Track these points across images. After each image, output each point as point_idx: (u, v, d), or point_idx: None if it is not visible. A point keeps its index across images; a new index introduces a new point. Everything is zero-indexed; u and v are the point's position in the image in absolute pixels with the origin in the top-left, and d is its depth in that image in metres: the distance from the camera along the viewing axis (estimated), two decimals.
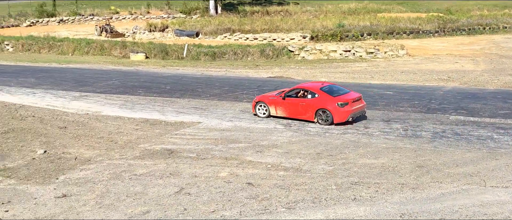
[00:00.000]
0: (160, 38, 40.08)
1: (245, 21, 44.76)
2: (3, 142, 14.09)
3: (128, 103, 19.15)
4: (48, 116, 17.19)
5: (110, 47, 33.68)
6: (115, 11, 57.18)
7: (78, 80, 24.06)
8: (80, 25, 51.40)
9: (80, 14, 55.13)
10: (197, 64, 29.32)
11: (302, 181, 10.87)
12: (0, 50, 36.80)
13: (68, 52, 34.42)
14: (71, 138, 14.51)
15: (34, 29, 46.98)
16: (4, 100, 19.65)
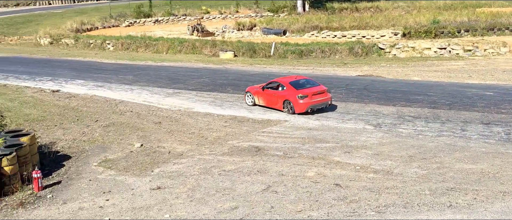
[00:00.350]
0: (248, 37, 40.77)
1: (333, 18, 44.05)
2: (105, 135, 15.19)
3: (217, 100, 19.71)
4: (144, 111, 18.23)
5: (201, 46, 34.89)
6: (206, 11, 59.16)
7: (171, 78, 25.22)
8: (174, 25, 53.83)
9: (174, 14, 57.72)
10: (284, 63, 29.41)
11: (393, 184, 10.45)
12: (102, 49, 39.64)
13: (163, 51, 36.21)
14: (165, 133, 15.24)
15: (132, 29, 50.05)
16: (106, 96, 21.17)
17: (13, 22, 60.15)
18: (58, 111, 18.43)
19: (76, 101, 20.21)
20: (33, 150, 12.04)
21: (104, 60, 33.30)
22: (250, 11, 58.50)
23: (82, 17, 56.30)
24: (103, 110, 18.52)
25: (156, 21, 55.75)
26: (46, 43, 44.07)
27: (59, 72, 28.07)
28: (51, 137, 14.99)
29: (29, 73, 27.79)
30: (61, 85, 24.04)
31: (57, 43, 43.43)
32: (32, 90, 22.80)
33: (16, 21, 60.66)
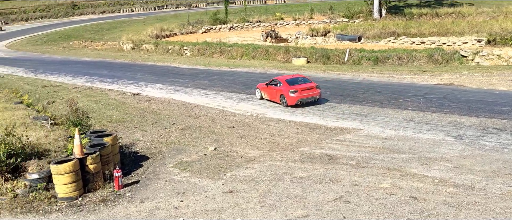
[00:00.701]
0: (322, 43, 40.43)
1: (412, 24, 42.50)
2: (181, 137, 15.71)
3: (289, 107, 19.68)
4: (218, 115, 18.64)
5: (274, 52, 35.11)
6: (280, 17, 59.53)
7: (244, 83, 25.59)
8: (248, 31, 54.70)
9: (248, 21, 58.66)
10: (359, 69, 28.78)
11: (475, 200, 9.82)
12: (180, 55, 41.16)
13: (237, 56, 36.88)
14: (238, 138, 15.46)
15: (208, 35, 51.52)
16: (183, 100, 21.92)
17: (99, 28, 64.23)
18: (138, 113, 19.36)
19: (154, 104, 21.12)
20: (115, 150, 12.71)
21: (181, 65, 34.53)
22: (324, 17, 58.03)
23: (162, 24, 58.86)
24: (179, 113, 19.19)
25: (231, 27, 56.94)
26: (129, 48, 46.53)
27: (140, 76, 29.50)
28: (131, 138, 15.76)
29: (112, 77, 29.48)
30: (141, 88, 25.24)
31: (138, 48, 45.73)
32: (115, 93, 24.14)
33: (102, 27, 64.74)
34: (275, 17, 60.21)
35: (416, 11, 51.86)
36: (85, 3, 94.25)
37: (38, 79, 29.74)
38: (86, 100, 21.95)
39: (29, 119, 14.72)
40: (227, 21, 58.66)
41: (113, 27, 64.04)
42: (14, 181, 10.90)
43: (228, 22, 58.37)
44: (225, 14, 60.15)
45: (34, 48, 51.75)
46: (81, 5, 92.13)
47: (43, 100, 22.09)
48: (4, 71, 34.22)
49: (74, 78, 29.80)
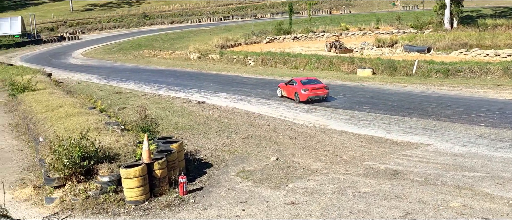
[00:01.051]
0: (388, 54, 39.43)
1: (485, 35, 40.41)
2: (243, 146, 15.86)
3: (353, 118, 19.33)
4: (280, 125, 18.65)
5: (338, 63, 34.69)
6: (345, 27, 58.79)
7: None
8: (312, 42, 54.47)
9: (313, 31, 58.43)
10: (427, 82, 27.73)
11: None
12: (244, 64, 41.74)
13: (300, 67, 36.81)
14: (300, 148, 15.37)
15: (272, 45, 51.86)
16: (246, 109, 22.16)
17: (168, 38, 66.63)
18: (203, 121, 19.81)
19: (219, 112, 21.51)
20: (181, 156, 13.06)
21: (245, 74, 34.97)
22: (392, 28, 56.61)
23: (227, 34, 60.04)
24: (242, 122, 19.41)
25: (295, 37, 56.98)
26: (195, 57, 47.87)
27: (205, 85, 30.21)
28: (195, 145, 16.13)
29: (179, 85, 30.43)
30: (206, 97, 25.83)
31: (204, 58, 46.91)
32: (181, 101, 24.87)
33: (171, 37, 67.12)
34: (340, 27, 59.53)
35: (490, 22, 49.26)
36: (156, 13, 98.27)
37: (110, 86, 31.30)
38: (154, 107, 22.78)
39: (102, 124, 15.48)
40: (291, 31, 58.78)
41: (181, 37, 66.20)
42: (87, 182, 11.49)
43: (292, 33, 58.46)
44: (289, 25, 60.32)
45: (107, 56, 54.58)
46: (151, 16, 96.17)
47: (114, 106, 23.18)
48: (80, 78, 36.34)
49: (144, 85, 31.06)
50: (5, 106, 25.51)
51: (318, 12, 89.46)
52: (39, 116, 17.71)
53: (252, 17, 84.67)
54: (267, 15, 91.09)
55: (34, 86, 24.88)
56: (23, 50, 64.81)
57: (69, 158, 11.24)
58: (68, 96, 23.28)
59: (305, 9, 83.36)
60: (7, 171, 14.25)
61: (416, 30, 52.42)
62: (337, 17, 76.62)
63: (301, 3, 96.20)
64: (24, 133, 18.52)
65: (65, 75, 38.27)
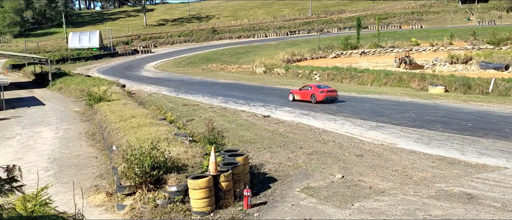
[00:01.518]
0: (462, 71, 37.66)
1: None
2: (308, 162, 15.70)
3: (424, 137, 18.56)
4: (346, 142, 18.29)
5: (408, 79, 33.61)
6: (415, 43, 57.00)
7: (375, 110, 24.83)
8: (380, 57, 53.26)
9: (381, 46, 57.17)
10: (506, 101, 26.11)
11: None
12: (309, 79, 41.57)
13: (367, 82, 36.05)
14: (367, 167, 14.96)
15: (338, 60, 51.30)
16: (311, 124, 21.99)
17: (235, 52, 67.97)
18: (267, 135, 19.88)
19: (283, 127, 21.50)
20: (246, 169, 13.15)
21: None
22: (466, 43, 54.10)
23: (293, 48, 60.23)
24: (307, 138, 19.25)
25: (363, 53, 56.01)
26: (261, 72, 48.39)
27: (270, 99, 30.39)
28: (260, 159, 16.19)
29: (245, 99, 30.83)
30: (271, 111, 25.94)
31: (270, 72, 47.30)
32: (246, 114, 25.16)
33: (237, 51, 68.42)
34: (410, 42, 57.80)
35: None
36: (224, 28, 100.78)
37: (179, 98, 32.34)
38: (220, 120, 23.20)
39: (171, 134, 15.97)
40: (358, 46, 57.91)
41: (248, 51, 67.28)
42: (156, 191, 11.85)
43: (359, 47, 57.57)
44: (356, 39, 59.47)
45: (177, 69, 56.56)
46: (220, 31, 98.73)
47: (183, 118, 23.89)
48: (152, 89, 37.88)
49: (211, 98, 31.79)
50: (83, 115, 27.10)
51: (387, 27, 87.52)
52: (113, 125, 18.62)
53: (318, 32, 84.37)
54: (334, 30, 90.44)
55: (109, 97, 26.25)
56: (100, 62, 68.80)
57: (140, 167, 11.67)
58: (140, 107, 24.33)
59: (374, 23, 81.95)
60: (83, 177, 15.06)
61: (493, 46, 49.74)
62: (407, 32, 74.47)
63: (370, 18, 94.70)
64: (99, 141, 19.52)
65: (137, 87, 40.07)
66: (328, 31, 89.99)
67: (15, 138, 21.76)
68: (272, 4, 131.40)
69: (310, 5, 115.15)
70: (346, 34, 68.07)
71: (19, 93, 40.77)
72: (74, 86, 39.55)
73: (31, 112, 30.45)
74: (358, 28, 62.30)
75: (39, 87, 45.54)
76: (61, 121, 26.03)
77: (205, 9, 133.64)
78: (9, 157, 17.93)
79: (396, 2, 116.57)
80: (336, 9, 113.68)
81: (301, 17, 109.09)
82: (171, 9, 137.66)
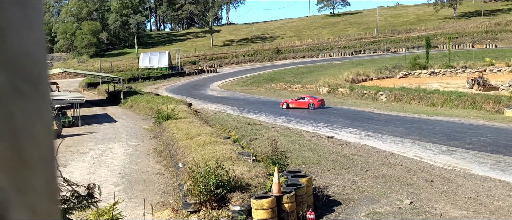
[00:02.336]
0: None
1: None
2: (373, 186, 15.23)
3: (500, 164, 17.43)
4: (415, 166, 17.56)
5: (482, 101, 31.88)
6: (489, 63, 54.13)
7: (445, 133, 23.72)
8: (451, 78, 51.04)
9: (452, 66, 54.83)
10: None
11: None
12: (375, 100, 40.59)
13: (437, 104, 34.61)
14: (437, 193, 14.26)
15: (406, 80, 49.72)
16: (376, 146, 21.37)
17: (299, 72, 68.00)
18: (331, 157, 19.55)
19: (348, 149, 21.07)
20: (309, 191, 12.99)
21: (376, 110, 33.94)
22: None
23: (358, 68, 59.27)
24: (373, 160, 18.72)
25: (432, 73, 53.98)
26: (324, 91, 47.96)
27: (334, 120, 29.97)
28: (324, 181, 15.93)
29: (308, 119, 30.63)
30: (335, 132, 25.55)
31: (334, 92, 46.75)
32: (309, 135, 24.94)
33: (301, 71, 68.40)
34: (484, 62, 54.95)
35: None
36: (288, 48, 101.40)
37: (243, 117, 32.74)
38: (283, 140, 23.16)
39: (235, 153, 16.17)
40: (427, 66, 55.87)
41: (311, 71, 67.07)
42: (220, 210, 11.99)
43: (429, 67, 55.51)
44: (426, 59, 57.43)
45: (241, 88, 57.45)
46: (284, 51, 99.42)
47: (246, 137, 24.12)
48: (217, 108, 38.69)
49: (274, 118, 31.89)
50: (151, 133, 28.15)
51: (458, 46, 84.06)
52: (180, 143, 19.16)
53: (385, 51, 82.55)
54: (402, 49, 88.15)
55: (176, 115, 27.11)
56: (168, 81, 71.46)
57: (205, 185, 11.88)
58: (205, 125, 24.89)
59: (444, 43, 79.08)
60: (150, 192, 15.56)
61: None
62: (480, 51, 71.04)
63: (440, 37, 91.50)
64: (166, 158, 20.14)
65: (203, 105, 41.10)
66: (395, 51, 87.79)
67: (89, 153, 22.98)
68: (336, 23, 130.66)
69: (376, 25, 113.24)
70: (415, 53, 65.99)
71: (93, 110, 43.16)
72: (144, 104, 41.28)
73: (104, 128, 32.10)
74: (427, 47, 60.14)
75: (111, 104, 47.99)
76: (131, 138, 27.19)
77: (270, 29, 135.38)
78: (83, 171, 18.94)
79: (468, 20, 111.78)
80: (403, 28, 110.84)
81: (366, 37, 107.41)
82: (237, 30, 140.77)
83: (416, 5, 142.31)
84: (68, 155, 22.57)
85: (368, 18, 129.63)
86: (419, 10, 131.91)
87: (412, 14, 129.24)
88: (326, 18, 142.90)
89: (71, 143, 26.23)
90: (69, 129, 31.99)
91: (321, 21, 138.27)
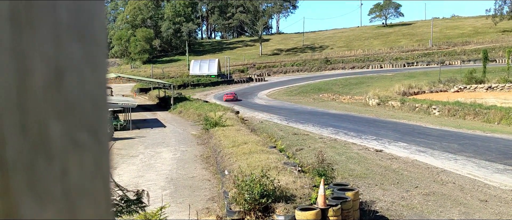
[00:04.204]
0: None
1: None
2: (424, 203, 14.67)
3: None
4: (468, 185, 16.79)
5: None
6: None
7: (502, 151, 22.56)
8: (510, 93, 48.69)
9: (511, 81, 52.35)
10: None
11: None
12: (427, 114, 39.31)
13: (494, 120, 33.05)
14: (492, 214, 13.53)
15: (461, 95, 47.91)
16: (427, 162, 20.62)
17: (348, 82, 67.12)
18: (379, 171, 19.04)
19: (397, 163, 20.46)
20: (355, 206, 12.68)
21: (428, 125, 32.84)
22: None
23: (410, 81, 57.76)
24: (423, 177, 18.06)
25: (489, 87, 51.77)
26: (374, 104, 47.01)
27: (383, 133, 29.24)
28: (371, 196, 15.52)
29: (356, 131, 30.06)
30: (384, 145, 24.90)
31: (384, 104, 45.73)
32: (357, 147, 24.43)
33: (350, 82, 67.48)
34: None
35: None
36: (337, 59, 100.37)
37: (289, 127, 32.59)
38: (330, 152, 22.82)
39: (281, 163, 16.07)
40: (484, 80, 53.64)
41: (361, 82, 66.03)
42: (264, 219, 11.92)
43: (486, 82, 53.27)
44: (482, 73, 55.16)
45: (289, 98, 57.34)
46: (333, 61, 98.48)
47: (292, 147, 23.96)
48: (263, 117, 38.76)
49: (321, 129, 31.53)
50: (199, 139, 28.56)
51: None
52: (226, 150, 19.29)
53: (439, 64, 79.98)
54: (457, 62, 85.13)
55: (224, 122, 27.37)
56: (216, 88, 72.50)
57: (250, 193, 11.85)
58: (252, 134, 24.96)
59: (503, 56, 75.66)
60: (196, 198, 15.73)
61: None
62: None
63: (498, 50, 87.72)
64: (213, 164, 20.34)
65: (250, 113, 41.31)
66: (450, 64, 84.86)
67: (138, 157, 23.60)
68: (389, 34, 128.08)
69: (431, 36, 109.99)
70: (471, 67, 63.57)
71: (144, 115, 44.40)
72: (193, 110, 42.01)
73: (154, 132, 32.90)
74: (484, 61, 57.76)
75: (161, 110, 49.21)
76: (179, 143, 27.69)
77: (319, 39, 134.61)
78: (132, 174, 19.46)
79: None
80: (459, 41, 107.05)
81: (420, 48, 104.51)
82: (286, 39, 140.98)
83: (473, 17, 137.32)
84: (119, 158, 23.28)
85: (422, 29, 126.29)
86: (476, 22, 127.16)
87: (468, 26, 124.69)
88: (378, 28, 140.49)
89: (122, 146, 27.05)
90: (121, 132, 33.04)
91: (372, 31, 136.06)
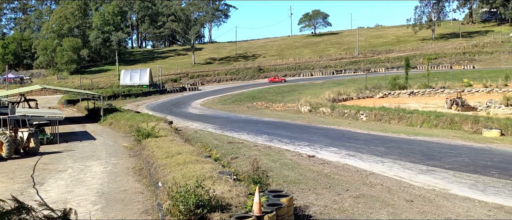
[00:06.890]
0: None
1: None
2: (354, 206, 15.19)
3: (479, 184, 17.61)
4: (395, 186, 17.61)
5: (460, 121, 32.39)
6: (467, 84, 55.30)
7: (425, 153, 23.95)
8: (430, 98, 51.91)
9: (431, 86, 55.84)
10: None
11: None
12: (355, 119, 40.92)
13: (417, 124, 35.04)
14: (417, 213, 14.28)
15: (386, 100, 50.38)
16: (357, 166, 21.42)
17: (280, 90, 68.33)
18: (312, 176, 19.50)
19: (329, 168, 21.06)
20: (290, 211, 12.85)
21: (357, 129, 34.16)
22: None
23: (339, 88, 59.88)
24: (353, 180, 18.72)
25: (411, 93, 54.87)
26: (306, 110, 48.19)
27: (315, 138, 30.02)
28: (305, 201, 15.82)
29: (289, 138, 30.62)
30: (316, 151, 25.56)
31: (315, 111, 47.01)
32: (291, 154, 24.89)
33: (283, 90, 68.75)
34: (462, 83, 56.16)
35: None
36: (270, 67, 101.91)
37: (224, 136, 32.56)
38: (264, 159, 23.05)
39: (216, 172, 15.98)
40: (407, 86, 56.83)
41: (293, 90, 67.48)
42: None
43: (408, 88, 56.47)
44: (405, 79, 58.43)
45: (223, 107, 57.33)
46: (266, 69, 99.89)
47: (227, 155, 23.93)
48: (198, 126, 38.43)
49: (255, 136, 31.80)
50: (131, 151, 27.74)
51: (437, 67, 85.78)
52: (160, 162, 18.88)
53: (365, 71, 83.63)
54: (381, 69, 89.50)
55: (157, 133, 26.80)
56: (149, 99, 70.90)
57: (185, 204, 11.65)
58: (186, 144, 24.64)
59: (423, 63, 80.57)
60: (129, 212, 15.23)
61: None
62: (458, 72, 72.64)
63: (419, 58, 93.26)
64: (146, 176, 19.81)
65: (184, 123, 40.79)
66: (375, 71, 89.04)
67: (66, 171, 22.48)
68: (318, 43, 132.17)
69: (357, 45, 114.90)
70: (394, 74, 67.06)
71: (73, 128, 42.45)
72: (124, 122, 40.78)
73: (83, 146, 31.52)
74: (406, 68, 61.28)
75: (91, 122, 47.31)
76: (110, 156, 26.73)
77: (252, 48, 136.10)
78: (61, 190, 18.49)
79: (447, 42, 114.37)
80: (383, 49, 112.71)
81: (347, 57, 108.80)
82: (219, 48, 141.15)
83: (395, 26, 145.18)
84: (46, 173, 22.04)
85: (349, 38, 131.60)
86: (398, 31, 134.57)
87: (391, 35, 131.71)
88: (308, 37, 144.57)
89: (49, 161, 25.66)
90: (47, 146, 31.33)
91: (302, 40, 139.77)
